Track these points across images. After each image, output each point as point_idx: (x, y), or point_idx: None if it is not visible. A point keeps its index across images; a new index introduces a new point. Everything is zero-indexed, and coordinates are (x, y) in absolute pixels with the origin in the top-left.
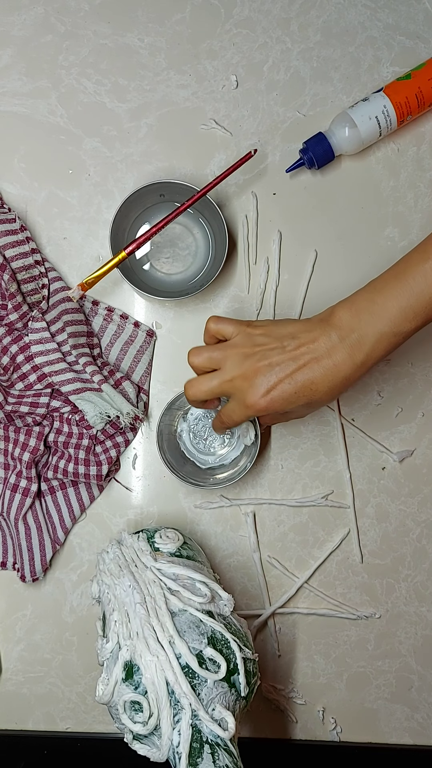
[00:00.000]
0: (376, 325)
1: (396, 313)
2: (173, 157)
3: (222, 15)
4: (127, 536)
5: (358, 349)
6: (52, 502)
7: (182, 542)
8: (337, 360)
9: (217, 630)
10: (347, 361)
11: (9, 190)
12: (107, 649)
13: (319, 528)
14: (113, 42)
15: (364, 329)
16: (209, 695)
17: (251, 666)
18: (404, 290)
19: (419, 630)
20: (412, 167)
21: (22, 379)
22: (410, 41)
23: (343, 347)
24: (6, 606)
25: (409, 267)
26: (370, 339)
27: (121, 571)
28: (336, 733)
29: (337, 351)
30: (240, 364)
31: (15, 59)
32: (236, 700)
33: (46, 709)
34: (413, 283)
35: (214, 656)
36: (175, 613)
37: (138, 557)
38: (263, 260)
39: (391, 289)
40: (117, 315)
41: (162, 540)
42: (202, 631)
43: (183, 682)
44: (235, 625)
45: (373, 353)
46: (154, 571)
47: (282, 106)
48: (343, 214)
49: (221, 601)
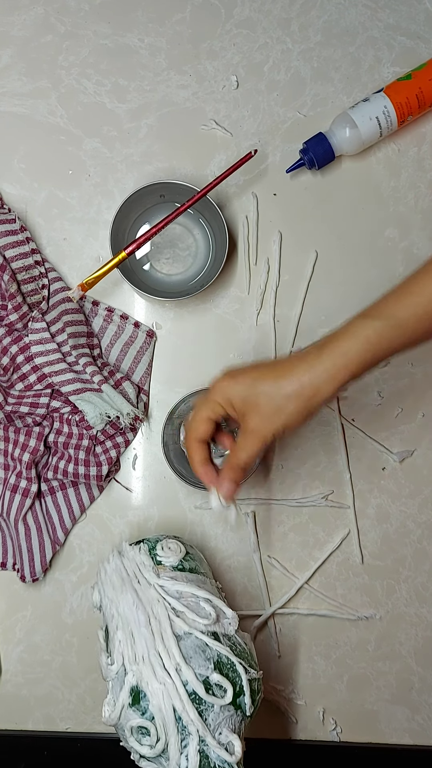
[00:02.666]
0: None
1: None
2: (173, 157)
3: (222, 15)
4: (128, 547)
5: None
6: (52, 502)
7: (184, 554)
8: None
9: (223, 654)
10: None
11: (9, 191)
12: (112, 670)
13: (319, 528)
14: (113, 42)
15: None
16: (216, 720)
17: (256, 685)
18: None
19: (420, 631)
20: (413, 168)
21: (22, 379)
22: (411, 41)
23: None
24: (6, 607)
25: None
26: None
27: (123, 585)
28: (336, 733)
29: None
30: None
31: (15, 59)
32: (242, 720)
33: (46, 710)
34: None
35: (221, 681)
36: (181, 637)
37: (140, 571)
38: (263, 261)
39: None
40: (117, 315)
41: (164, 552)
42: (208, 656)
43: (190, 710)
44: (239, 645)
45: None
46: (158, 588)
47: (282, 106)
48: (343, 215)
49: (226, 620)
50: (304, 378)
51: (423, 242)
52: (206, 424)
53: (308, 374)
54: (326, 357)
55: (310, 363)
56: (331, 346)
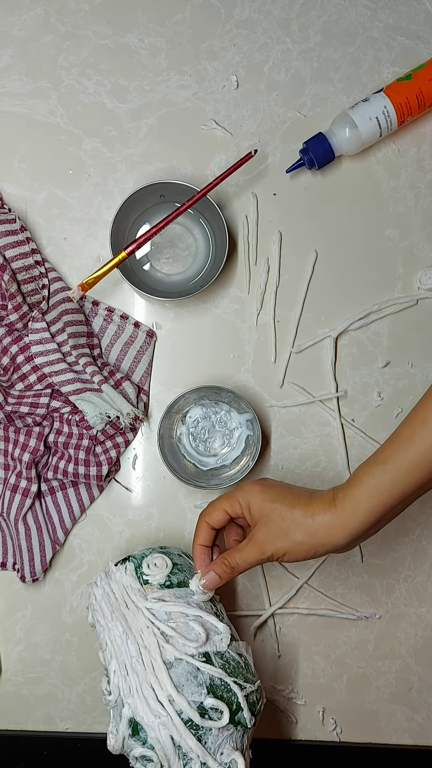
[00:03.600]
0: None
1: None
2: (173, 157)
3: (222, 15)
4: (114, 568)
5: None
6: (52, 502)
7: (171, 568)
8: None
9: (215, 676)
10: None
11: (9, 191)
12: (111, 700)
13: None
14: (113, 42)
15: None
16: (216, 742)
17: (255, 696)
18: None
19: (419, 631)
20: (413, 168)
21: (22, 379)
22: (411, 42)
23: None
24: (6, 606)
25: (405, 430)
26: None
27: (113, 612)
28: (336, 733)
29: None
30: None
31: (15, 59)
32: (243, 734)
33: (46, 709)
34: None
35: (216, 705)
36: (171, 664)
37: (128, 595)
38: (263, 261)
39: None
40: (117, 315)
41: (150, 570)
42: (201, 680)
43: (188, 738)
44: (234, 661)
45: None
46: (146, 613)
47: (282, 106)
48: (343, 215)
49: (217, 636)
50: (317, 522)
51: (423, 242)
52: (221, 513)
53: (320, 520)
54: (339, 508)
55: (326, 510)
56: (341, 495)
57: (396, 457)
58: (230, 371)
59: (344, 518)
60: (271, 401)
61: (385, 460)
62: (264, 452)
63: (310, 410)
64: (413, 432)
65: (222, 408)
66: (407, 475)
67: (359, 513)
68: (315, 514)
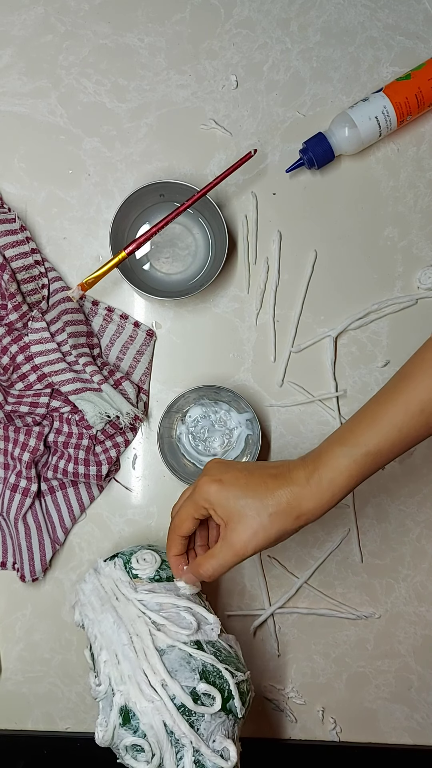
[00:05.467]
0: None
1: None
2: (173, 157)
3: (222, 15)
4: (103, 564)
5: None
6: (51, 502)
7: (160, 563)
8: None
9: (208, 662)
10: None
11: (9, 190)
12: (101, 691)
13: (318, 528)
14: (113, 42)
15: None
16: (209, 728)
17: (245, 686)
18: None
19: (419, 630)
20: (412, 167)
21: (22, 379)
22: (410, 41)
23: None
24: (6, 606)
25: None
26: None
27: (102, 605)
28: (335, 732)
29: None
30: None
31: (15, 59)
32: (234, 724)
33: (46, 708)
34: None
35: (209, 690)
36: (164, 650)
37: (118, 588)
38: (263, 260)
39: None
40: (117, 315)
41: (139, 565)
42: (193, 666)
43: (181, 723)
44: (224, 650)
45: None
46: (137, 604)
47: (282, 106)
48: (342, 214)
49: (208, 626)
50: (293, 502)
51: (422, 242)
52: (190, 522)
53: (297, 499)
54: (314, 485)
55: (299, 489)
56: (316, 476)
57: (374, 438)
58: (230, 371)
59: (320, 498)
60: (271, 401)
61: (367, 443)
62: (263, 452)
63: (309, 410)
64: (395, 411)
65: (221, 407)
66: (387, 455)
67: (336, 494)
68: (291, 499)
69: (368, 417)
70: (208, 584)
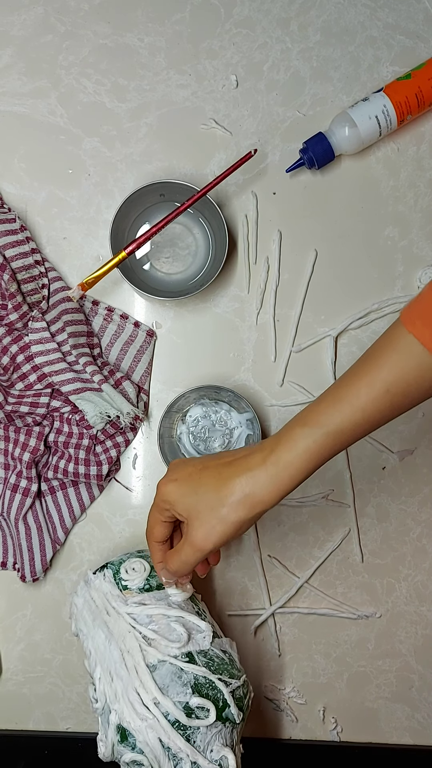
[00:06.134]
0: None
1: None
2: (173, 156)
3: (222, 15)
4: (92, 576)
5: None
6: (52, 502)
7: (149, 571)
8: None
9: (199, 675)
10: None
11: (9, 190)
12: (98, 707)
13: (319, 527)
14: (113, 42)
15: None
16: (205, 739)
17: (241, 691)
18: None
19: (420, 629)
20: (412, 167)
21: (22, 379)
22: (410, 41)
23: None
24: (6, 606)
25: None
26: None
27: (94, 620)
28: (336, 732)
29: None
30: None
31: (15, 59)
32: (233, 730)
33: (47, 708)
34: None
35: (202, 703)
36: (155, 666)
37: (108, 602)
38: (263, 260)
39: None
40: (117, 315)
41: (128, 575)
42: (185, 680)
43: (176, 739)
44: (218, 658)
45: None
46: (127, 618)
47: (282, 105)
48: (343, 214)
49: (199, 634)
50: (247, 489)
51: (422, 241)
52: (162, 526)
53: (252, 485)
54: (271, 467)
55: (255, 473)
56: (273, 457)
57: (336, 418)
58: (230, 370)
59: (277, 481)
60: (271, 400)
61: (328, 423)
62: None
63: None
64: (359, 391)
65: (222, 407)
66: (349, 435)
67: (294, 476)
68: (245, 487)
69: (331, 397)
70: (206, 584)
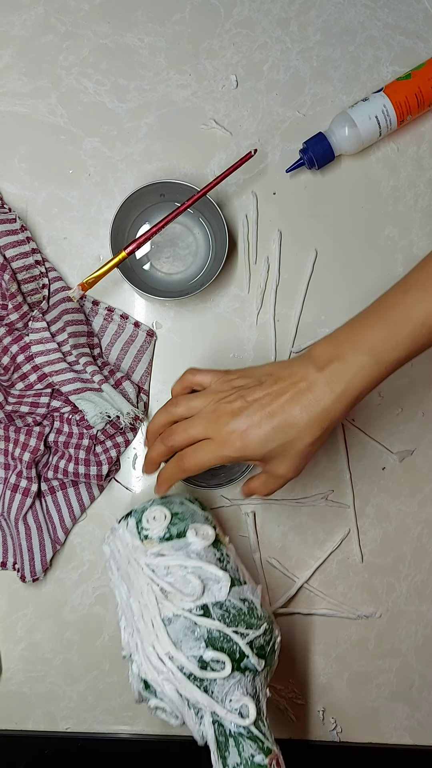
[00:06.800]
0: (356, 354)
1: (376, 342)
2: (173, 156)
3: (222, 15)
4: (117, 525)
5: (338, 378)
6: (52, 502)
7: (170, 519)
8: (315, 391)
9: (213, 629)
10: (326, 392)
11: (9, 190)
12: (125, 655)
13: (319, 528)
14: (113, 42)
15: (343, 359)
16: (223, 690)
17: (262, 639)
18: (384, 321)
19: (420, 629)
20: (412, 167)
21: (23, 379)
22: (410, 41)
23: (322, 377)
24: (6, 606)
25: (388, 299)
26: (350, 368)
27: (118, 570)
28: (336, 733)
29: (316, 382)
30: (216, 407)
31: (15, 59)
32: (254, 677)
33: (47, 708)
34: (394, 312)
35: (216, 657)
36: (170, 620)
37: (131, 553)
38: (263, 260)
39: (370, 320)
40: (117, 315)
41: (149, 525)
42: (198, 635)
43: (192, 690)
44: (234, 608)
45: (353, 383)
46: (146, 570)
47: (282, 105)
48: (343, 214)
49: (216, 585)
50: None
51: (422, 241)
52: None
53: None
54: (336, 383)
55: (322, 376)
56: (337, 373)
57: (387, 353)
58: None
59: (344, 400)
60: None
61: (377, 352)
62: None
63: None
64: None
65: None
66: (392, 368)
67: (348, 393)
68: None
69: (392, 335)
70: None
